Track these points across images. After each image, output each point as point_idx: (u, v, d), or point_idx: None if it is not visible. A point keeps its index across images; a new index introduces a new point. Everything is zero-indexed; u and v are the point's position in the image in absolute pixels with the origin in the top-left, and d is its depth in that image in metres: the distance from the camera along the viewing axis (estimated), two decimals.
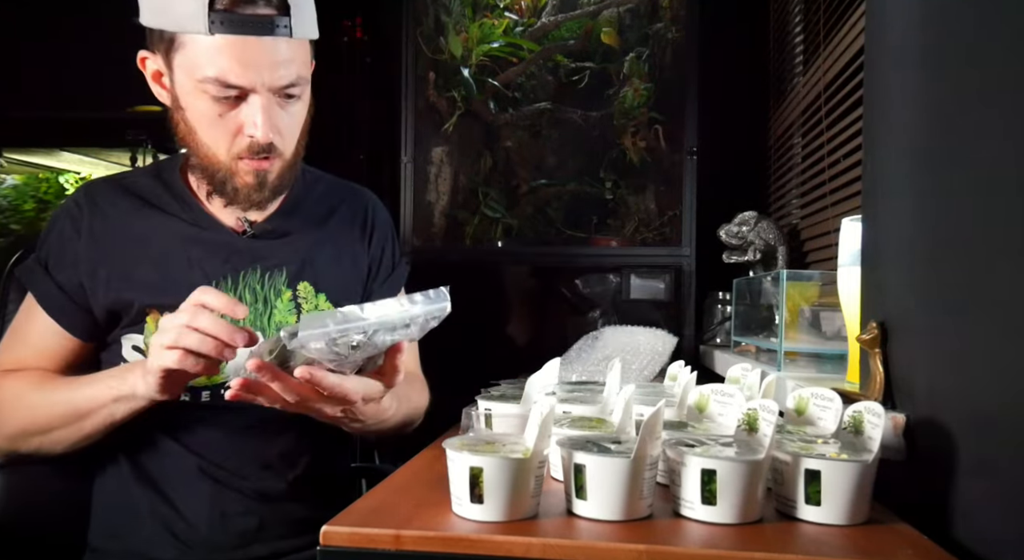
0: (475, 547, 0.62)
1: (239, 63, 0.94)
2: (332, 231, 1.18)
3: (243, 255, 1.09)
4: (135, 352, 1.06)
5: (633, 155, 2.14)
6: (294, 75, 0.98)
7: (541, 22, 2.18)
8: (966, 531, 0.65)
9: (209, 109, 0.97)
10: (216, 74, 0.94)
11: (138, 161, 2.39)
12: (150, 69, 1.03)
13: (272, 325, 1.08)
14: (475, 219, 2.20)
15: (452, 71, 2.20)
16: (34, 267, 1.07)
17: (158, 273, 1.05)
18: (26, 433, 1.00)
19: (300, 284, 1.11)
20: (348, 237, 1.19)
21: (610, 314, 2.10)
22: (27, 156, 2.75)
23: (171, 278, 1.05)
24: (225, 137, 0.99)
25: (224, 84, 0.95)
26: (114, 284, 1.04)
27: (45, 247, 1.08)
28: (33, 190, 2.86)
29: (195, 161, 1.05)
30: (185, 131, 1.03)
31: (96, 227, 1.07)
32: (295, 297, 1.10)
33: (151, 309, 1.04)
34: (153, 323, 1.04)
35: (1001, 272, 0.61)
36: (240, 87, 0.95)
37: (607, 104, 2.15)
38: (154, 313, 1.04)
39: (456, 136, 2.21)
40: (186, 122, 1.01)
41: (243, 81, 0.95)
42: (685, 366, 1.00)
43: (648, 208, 2.14)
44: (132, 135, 2.36)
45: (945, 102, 0.71)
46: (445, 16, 2.20)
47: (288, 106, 1.01)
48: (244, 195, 1.04)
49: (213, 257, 1.08)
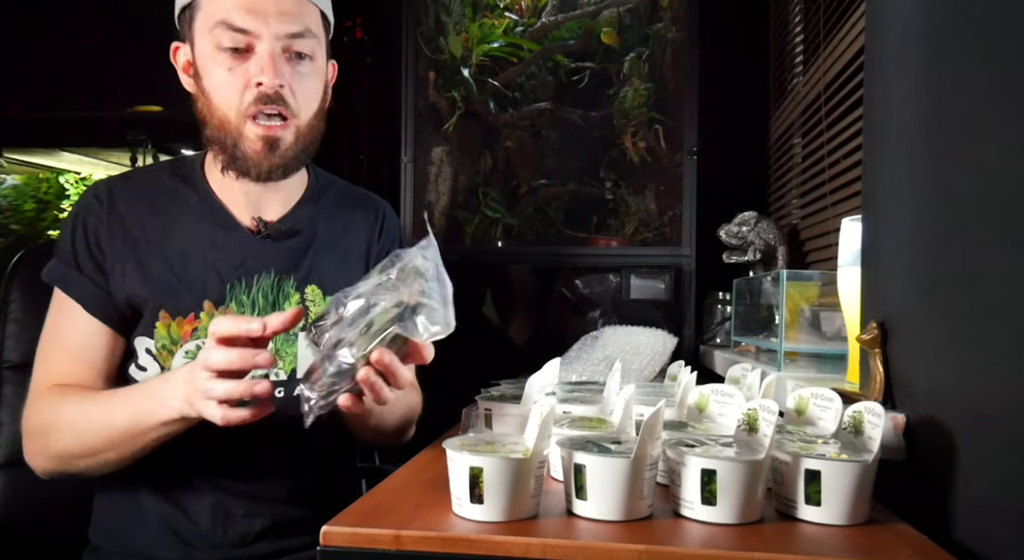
0: (475, 547, 0.62)
1: (245, 9, 0.99)
2: (342, 235, 1.17)
3: (257, 258, 1.09)
4: (148, 355, 1.04)
5: (633, 155, 2.14)
6: (301, 26, 1.02)
7: (541, 22, 2.18)
8: (966, 531, 0.65)
9: (220, 64, 1.01)
10: (223, 17, 0.99)
11: (138, 161, 2.39)
12: (181, 60, 1.07)
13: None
14: (475, 219, 2.20)
15: (452, 71, 2.20)
16: (64, 269, 1.05)
17: (174, 273, 1.05)
18: (72, 455, 0.97)
19: (308, 287, 1.11)
20: (358, 242, 1.19)
21: (610, 314, 2.10)
22: (27, 156, 2.76)
23: (187, 279, 1.05)
24: (234, 93, 1.01)
25: (231, 27, 0.99)
26: (131, 280, 1.04)
27: (70, 247, 1.05)
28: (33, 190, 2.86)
29: (210, 133, 1.04)
30: (203, 105, 1.04)
31: (117, 223, 1.06)
32: (303, 300, 1.10)
33: (163, 312, 1.03)
34: (163, 329, 1.04)
35: (1001, 272, 0.61)
36: (246, 31, 0.99)
37: (607, 104, 2.15)
38: (165, 318, 1.03)
39: (456, 136, 2.21)
40: (204, 93, 1.03)
41: (249, 25, 0.99)
42: (685, 366, 1.00)
43: (648, 208, 2.14)
44: (132, 135, 2.36)
45: (945, 102, 0.71)
46: (445, 16, 2.20)
47: (298, 65, 1.03)
48: (254, 161, 1.03)
49: (229, 259, 1.07)
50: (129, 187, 1.09)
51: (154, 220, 1.07)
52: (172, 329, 1.03)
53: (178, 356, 1.04)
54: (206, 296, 1.05)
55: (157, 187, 1.10)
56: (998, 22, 0.62)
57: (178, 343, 1.04)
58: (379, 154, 2.33)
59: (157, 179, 1.11)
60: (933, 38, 0.74)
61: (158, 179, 1.11)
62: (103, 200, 1.07)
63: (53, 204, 3.15)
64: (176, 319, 1.04)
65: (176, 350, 1.04)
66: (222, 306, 1.05)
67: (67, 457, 0.98)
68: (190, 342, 1.04)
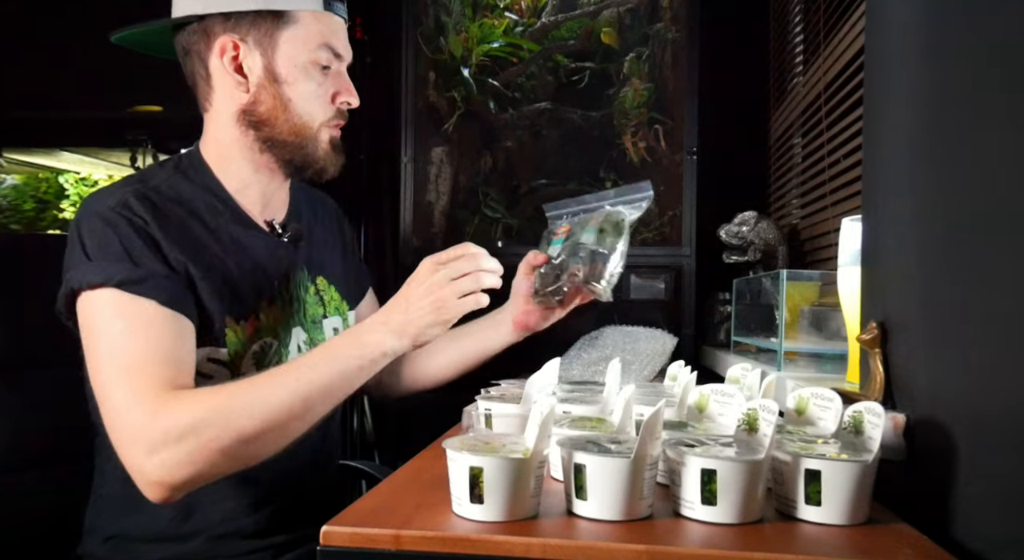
0: (475, 547, 0.62)
1: (336, 37, 1.10)
2: (323, 227, 1.26)
3: (284, 257, 1.13)
4: (212, 364, 1.01)
5: (633, 155, 2.14)
6: (351, 55, 1.14)
7: (541, 22, 2.18)
8: (966, 531, 0.65)
9: (313, 78, 1.08)
10: (328, 41, 1.09)
11: (138, 161, 2.39)
12: (229, 56, 1.05)
13: (307, 318, 1.14)
14: (475, 219, 2.20)
15: (452, 71, 2.20)
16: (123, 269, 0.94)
17: (233, 278, 1.04)
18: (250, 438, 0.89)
19: (319, 278, 1.19)
20: (332, 231, 1.28)
21: (610, 314, 2.09)
22: (27, 156, 2.76)
23: (245, 282, 1.05)
24: (322, 106, 1.09)
25: (333, 51, 1.09)
26: (200, 290, 0.99)
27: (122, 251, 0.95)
28: (33, 190, 2.86)
29: (277, 136, 1.07)
30: (273, 108, 1.07)
31: (169, 229, 0.99)
32: (318, 291, 1.18)
33: (228, 318, 1.02)
34: (232, 334, 1.02)
35: (1001, 272, 0.61)
36: (340, 55, 1.11)
37: (607, 104, 2.15)
38: (231, 323, 1.02)
39: (456, 136, 2.21)
40: (279, 98, 1.06)
41: (342, 50, 1.11)
42: (685, 366, 1.00)
43: (648, 208, 2.14)
44: (132, 135, 2.36)
45: (945, 102, 0.71)
46: (445, 16, 2.20)
47: None
48: (330, 160, 1.12)
49: (269, 261, 1.10)
50: (161, 200, 1.02)
51: (198, 225, 1.04)
52: (239, 333, 1.03)
53: (247, 359, 1.03)
54: (262, 296, 1.07)
55: (183, 194, 1.05)
56: (998, 22, 0.62)
57: (247, 346, 1.03)
58: (379, 154, 2.33)
59: (179, 187, 1.06)
60: (933, 38, 0.74)
61: (179, 187, 1.06)
62: (142, 214, 0.98)
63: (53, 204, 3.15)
64: (240, 322, 1.03)
65: (246, 354, 1.03)
66: (272, 304, 1.08)
67: (245, 441, 0.89)
68: (255, 344, 1.05)
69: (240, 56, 1.05)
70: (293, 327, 1.11)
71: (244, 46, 1.05)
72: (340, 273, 1.24)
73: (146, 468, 0.88)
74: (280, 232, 1.14)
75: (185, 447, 0.87)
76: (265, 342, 1.06)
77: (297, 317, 1.12)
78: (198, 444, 0.87)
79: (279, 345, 1.08)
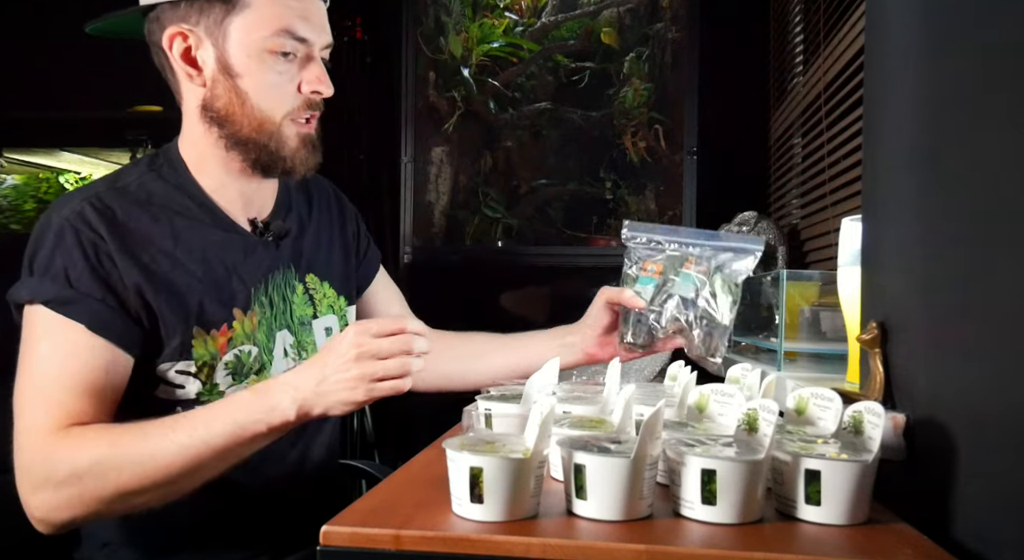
0: (475, 547, 0.62)
1: (301, 19, 1.00)
2: (316, 221, 1.19)
3: (265, 257, 1.07)
4: (182, 376, 0.98)
5: (633, 155, 2.14)
6: (331, 38, 1.05)
7: (541, 22, 2.18)
8: (966, 531, 0.65)
9: (271, 67, 0.99)
10: (286, 25, 0.98)
11: None
12: (179, 48, 0.99)
13: (295, 320, 1.09)
14: (475, 219, 2.21)
15: (452, 71, 2.20)
16: (57, 289, 0.92)
17: (201, 286, 0.99)
18: (134, 491, 0.87)
19: (308, 276, 1.13)
20: (329, 224, 1.21)
21: None
22: (27, 156, 2.76)
23: (215, 289, 1.00)
24: (282, 97, 1.01)
25: (293, 35, 0.99)
26: (155, 301, 0.95)
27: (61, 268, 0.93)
28: (33, 190, 2.85)
29: (239, 132, 1.00)
30: (229, 103, 1.00)
31: (124, 249, 0.95)
32: (307, 290, 1.12)
33: (196, 329, 0.98)
34: (201, 346, 0.98)
35: (1001, 272, 0.61)
36: (304, 40, 1.00)
37: (607, 104, 2.15)
38: (200, 334, 0.98)
39: (456, 136, 2.21)
40: (235, 91, 0.99)
41: (308, 34, 1.00)
42: (685, 366, 1.00)
43: (648, 208, 2.14)
44: (132, 135, 2.37)
45: (945, 102, 0.71)
46: (445, 16, 2.20)
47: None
48: (300, 159, 1.03)
49: (244, 262, 1.04)
50: (126, 199, 0.99)
51: (163, 232, 0.99)
52: (209, 344, 0.99)
53: (219, 370, 1.00)
54: (235, 304, 1.02)
55: (153, 196, 1.01)
56: (998, 22, 0.62)
57: (217, 357, 0.99)
58: (379, 154, 2.33)
59: (150, 188, 1.02)
60: (933, 38, 0.74)
61: (151, 188, 1.02)
62: (97, 227, 0.95)
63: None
64: (211, 333, 0.99)
65: (217, 364, 1.00)
66: (249, 310, 1.03)
67: (127, 495, 0.87)
68: (228, 353, 1.00)
69: (192, 48, 0.99)
70: (277, 331, 1.06)
71: (193, 36, 0.98)
72: (338, 267, 1.19)
73: (30, 503, 0.88)
74: (264, 230, 1.08)
75: (65, 493, 0.86)
76: (241, 350, 1.02)
77: (282, 319, 1.07)
78: (78, 492, 0.86)
79: (260, 351, 1.04)
